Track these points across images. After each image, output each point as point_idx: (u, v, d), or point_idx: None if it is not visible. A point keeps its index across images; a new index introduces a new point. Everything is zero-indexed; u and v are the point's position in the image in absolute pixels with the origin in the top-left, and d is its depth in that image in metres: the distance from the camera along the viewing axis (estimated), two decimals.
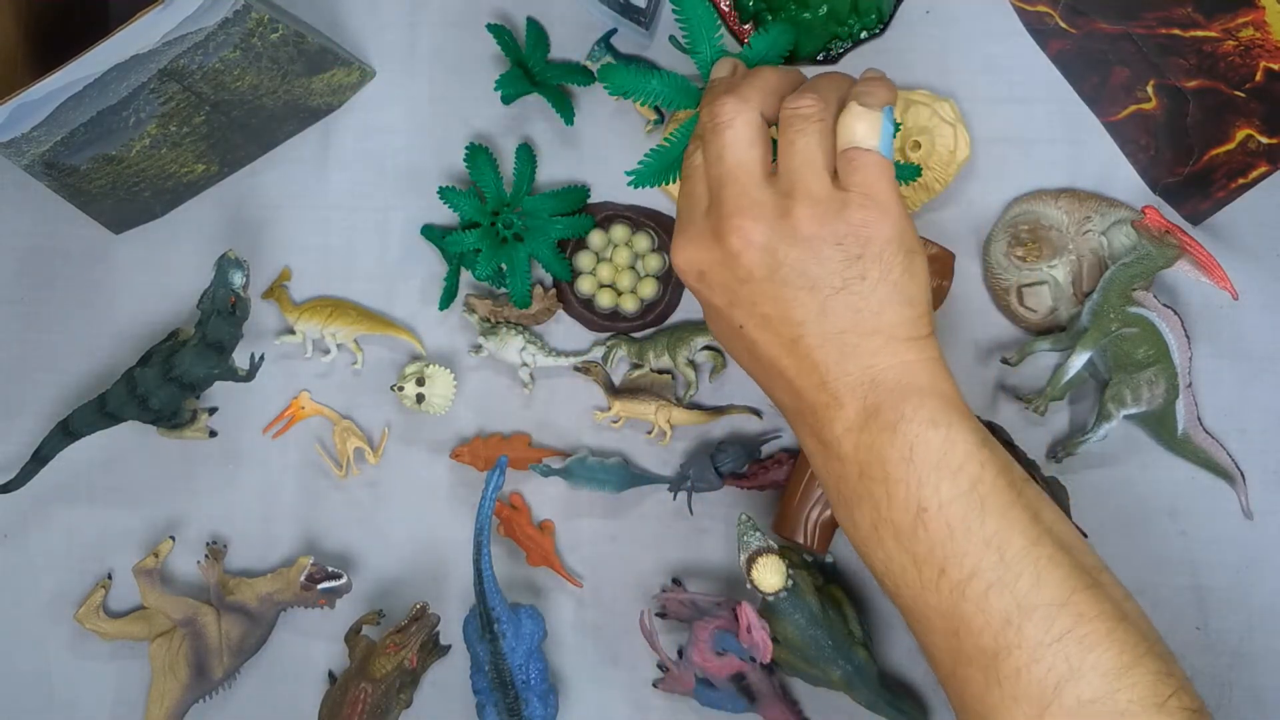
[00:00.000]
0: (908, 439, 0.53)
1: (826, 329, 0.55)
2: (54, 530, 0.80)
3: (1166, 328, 0.71)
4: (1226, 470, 0.74)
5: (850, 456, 0.55)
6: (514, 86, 0.75)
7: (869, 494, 0.54)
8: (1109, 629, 0.51)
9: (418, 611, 0.72)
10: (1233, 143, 0.74)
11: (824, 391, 0.55)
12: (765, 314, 0.56)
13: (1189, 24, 0.73)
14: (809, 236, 0.54)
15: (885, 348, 0.55)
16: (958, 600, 0.52)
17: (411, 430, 0.79)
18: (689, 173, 0.59)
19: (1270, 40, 0.71)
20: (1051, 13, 0.76)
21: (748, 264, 0.55)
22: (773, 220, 0.55)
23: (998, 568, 0.52)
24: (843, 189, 0.55)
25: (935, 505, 0.53)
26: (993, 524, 0.53)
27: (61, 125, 0.67)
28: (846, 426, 0.55)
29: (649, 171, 0.63)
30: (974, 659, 0.52)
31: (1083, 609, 0.52)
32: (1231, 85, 0.73)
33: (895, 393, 0.54)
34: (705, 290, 0.58)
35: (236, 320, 0.73)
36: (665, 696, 0.76)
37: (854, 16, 0.75)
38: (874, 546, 0.55)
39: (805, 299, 0.55)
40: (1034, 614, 0.51)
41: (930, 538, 0.53)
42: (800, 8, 0.74)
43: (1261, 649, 0.74)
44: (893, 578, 0.55)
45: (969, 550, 0.52)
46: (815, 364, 0.55)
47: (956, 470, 0.53)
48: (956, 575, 0.52)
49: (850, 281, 0.55)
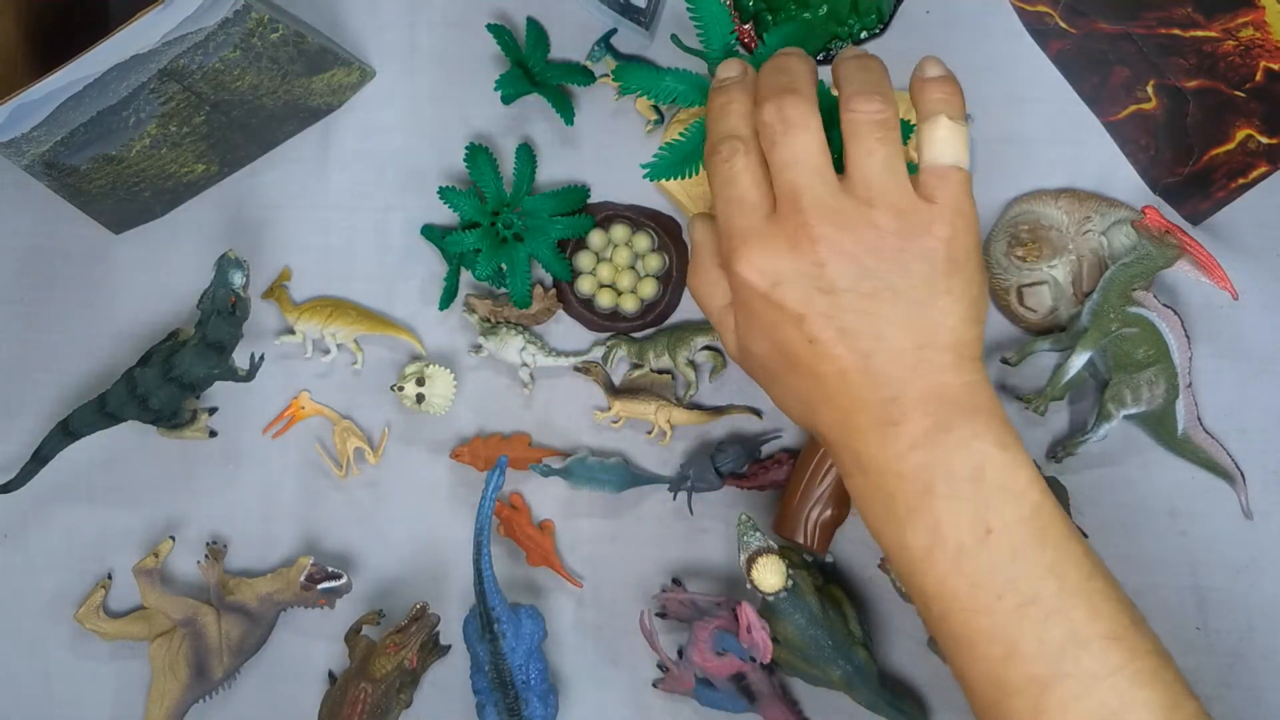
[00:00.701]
0: (978, 458, 0.53)
1: (905, 343, 0.54)
2: (54, 530, 0.80)
3: (1166, 328, 0.71)
4: (1226, 470, 0.74)
5: (911, 474, 0.53)
6: (514, 86, 0.75)
7: (930, 511, 0.53)
8: (1156, 668, 0.52)
9: (418, 611, 0.72)
10: (1233, 143, 0.74)
11: (893, 407, 0.54)
12: (842, 327, 0.54)
13: (1189, 24, 0.73)
14: (897, 248, 0.53)
15: (955, 365, 0.54)
16: (1014, 625, 0.52)
17: (411, 430, 0.79)
18: (731, 175, 0.56)
19: (1270, 40, 0.71)
20: (1051, 13, 0.75)
21: (833, 274, 0.53)
22: (860, 229, 0.53)
23: (1058, 595, 0.52)
24: (928, 200, 0.54)
25: (1001, 526, 0.52)
26: (1051, 553, 0.52)
27: (61, 125, 0.67)
28: (912, 442, 0.53)
29: (665, 165, 0.64)
30: (1023, 689, 0.52)
31: (1135, 645, 0.52)
32: (1231, 85, 0.73)
33: (965, 411, 0.53)
34: (775, 301, 0.55)
35: (236, 320, 0.73)
36: (665, 696, 0.76)
37: (854, 16, 0.75)
38: (926, 568, 0.53)
39: (888, 312, 0.53)
40: (1090, 645, 0.51)
41: (992, 559, 0.52)
42: (800, 8, 0.74)
43: (1261, 649, 0.74)
44: (943, 601, 0.53)
45: (1030, 575, 0.52)
46: (888, 378, 0.54)
47: (1020, 494, 0.53)
48: (1015, 600, 0.52)
49: (934, 296, 0.54)
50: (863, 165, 0.54)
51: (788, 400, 0.58)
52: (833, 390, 0.55)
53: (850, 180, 0.54)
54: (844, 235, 0.53)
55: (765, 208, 0.55)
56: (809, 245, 0.54)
